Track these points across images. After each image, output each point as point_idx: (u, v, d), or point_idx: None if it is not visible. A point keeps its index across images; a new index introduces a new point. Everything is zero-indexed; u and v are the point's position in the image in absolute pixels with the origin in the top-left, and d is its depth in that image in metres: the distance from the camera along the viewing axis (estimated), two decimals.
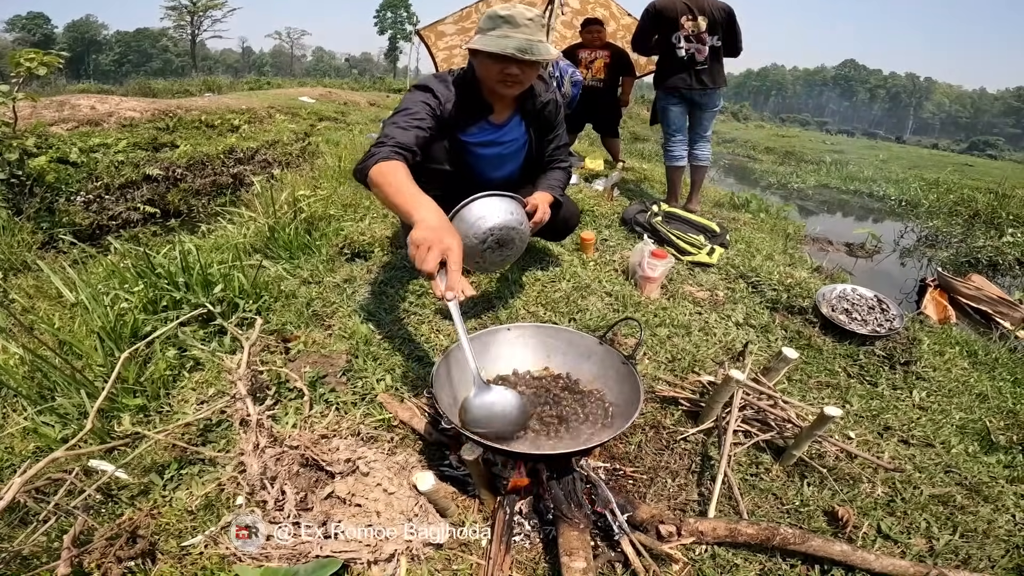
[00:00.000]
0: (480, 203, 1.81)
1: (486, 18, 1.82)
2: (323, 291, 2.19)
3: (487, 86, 1.91)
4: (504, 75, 1.81)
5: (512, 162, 2.17)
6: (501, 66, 1.80)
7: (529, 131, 2.12)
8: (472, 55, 1.88)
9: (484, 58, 1.81)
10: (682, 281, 2.62)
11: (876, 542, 1.26)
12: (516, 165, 2.20)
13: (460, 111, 1.92)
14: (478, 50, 1.80)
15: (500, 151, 2.10)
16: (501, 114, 2.03)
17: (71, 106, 7.73)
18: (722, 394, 1.49)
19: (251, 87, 19.72)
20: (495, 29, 1.79)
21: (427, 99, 1.84)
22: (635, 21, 5.56)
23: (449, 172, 2.02)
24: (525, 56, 1.74)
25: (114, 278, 2.15)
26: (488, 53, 1.78)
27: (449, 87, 1.92)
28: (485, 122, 2.01)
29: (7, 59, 4.92)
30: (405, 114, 1.77)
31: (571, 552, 1.05)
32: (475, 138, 2.01)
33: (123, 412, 1.51)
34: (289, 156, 5.95)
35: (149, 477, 1.28)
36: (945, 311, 3.31)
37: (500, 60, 1.78)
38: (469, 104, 1.94)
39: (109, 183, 4.40)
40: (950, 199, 7.57)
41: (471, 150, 2.03)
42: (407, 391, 1.60)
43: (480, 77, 1.90)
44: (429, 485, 1.07)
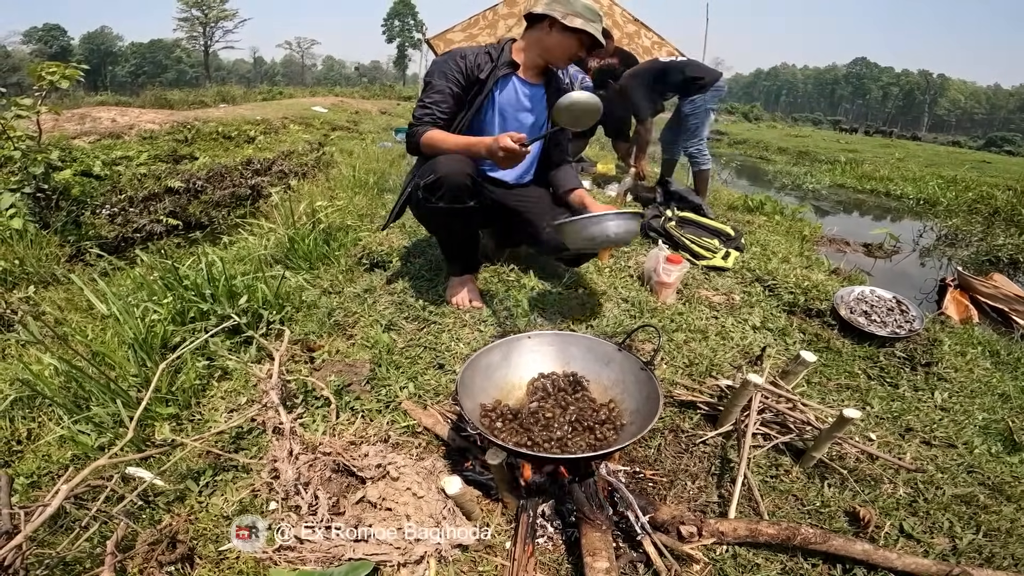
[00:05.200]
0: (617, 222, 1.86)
1: (578, 4, 2.02)
2: (344, 301, 2.24)
3: (545, 55, 2.13)
4: (575, 53, 2.09)
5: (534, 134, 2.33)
6: (578, 46, 2.07)
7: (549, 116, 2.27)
8: (551, 24, 2.04)
9: (569, 34, 2.03)
10: (698, 286, 2.63)
11: (898, 542, 1.26)
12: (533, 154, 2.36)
13: (489, 60, 2.12)
14: (576, 28, 2.00)
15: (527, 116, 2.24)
16: (529, 74, 2.21)
17: (92, 119, 7.93)
18: (740, 398, 1.50)
19: (264, 97, 20.02)
20: (595, 22, 2.04)
21: (450, 69, 2.06)
22: (638, 28, 5.61)
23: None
24: (597, 48, 2.09)
25: (142, 290, 2.21)
26: (582, 32, 2.01)
27: (477, 50, 2.15)
28: (514, 75, 2.18)
29: (26, 70, 5.04)
30: (430, 89, 2.06)
31: (594, 552, 1.08)
32: (506, 95, 2.19)
33: (157, 421, 1.57)
34: (305, 166, 6.03)
35: (185, 484, 1.32)
36: (967, 311, 3.28)
37: (578, 42, 2.05)
38: (497, 58, 2.13)
39: (133, 196, 4.50)
40: (969, 197, 7.50)
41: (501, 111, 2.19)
42: (429, 398, 1.64)
43: (547, 46, 2.09)
44: (456, 489, 1.10)
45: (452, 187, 1.90)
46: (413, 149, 2.08)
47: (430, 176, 1.91)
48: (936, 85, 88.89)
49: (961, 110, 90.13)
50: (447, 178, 1.89)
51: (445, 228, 2.15)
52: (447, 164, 1.90)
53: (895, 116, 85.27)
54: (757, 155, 13.98)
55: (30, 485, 1.41)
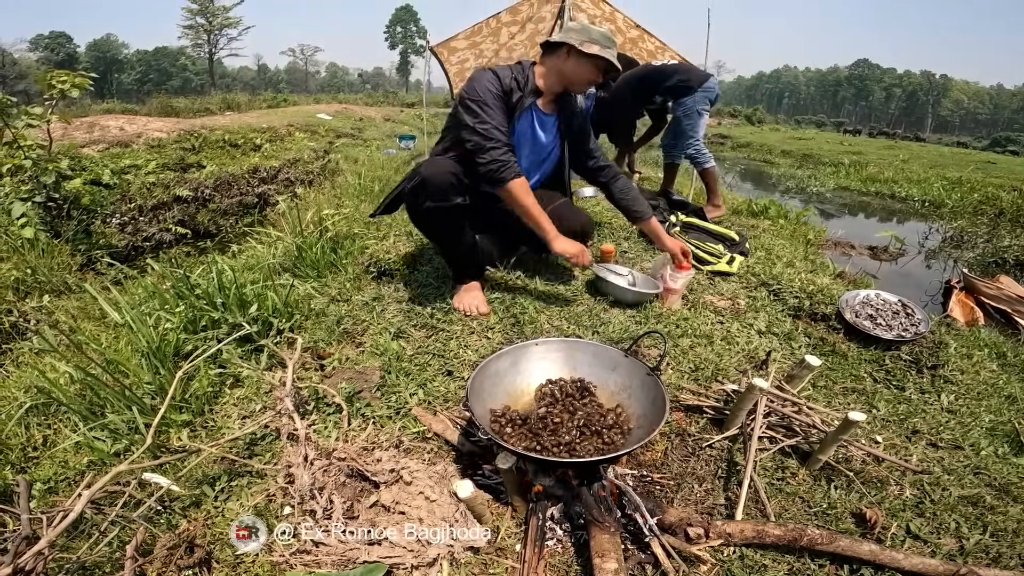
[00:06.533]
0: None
1: (599, 34, 2.11)
2: (352, 309, 2.26)
3: (565, 81, 2.19)
4: (593, 79, 2.17)
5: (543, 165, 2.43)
6: (595, 72, 2.13)
7: (562, 140, 2.37)
8: (569, 53, 2.10)
9: (587, 60, 2.09)
10: (703, 291, 2.65)
11: (905, 542, 1.27)
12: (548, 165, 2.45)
13: (518, 87, 2.16)
14: (596, 55, 2.06)
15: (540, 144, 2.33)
16: (545, 101, 2.27)
17: (101, 127, 8.02)
18: (746, 402, 1.52)
19: (269, 104, 20.19)
20: (611, 48, 2.11)
21: (497, 89, 2.08)
22: (641, 34, 5.63)
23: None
24: (612, 72, 2.15)
25: (154, 299, 2.24)
26: (599, 58, 2.08)
27: (507, 72, 2.17)
28: (535, 105, 2.24)
29: (32, 77, 5.10)
30: (491, 112, 2.03)
31: (603, 554, 1.10)
32: (524, 123, 2.25)
33: (171, 427, 1.59)
34: (310, 174, 6.09)
35: (201, 489, 1.35)
36: (972, 313, 3.28)
37: (595, 67, 2.12)
38: (524, 85, 2.17)
39: (142, 204, 4.55)
40: (974, 198, 7.47)
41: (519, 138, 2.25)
42: (439, 404, 1.66)
43: (568, 74, 2.15)
44: (468, 492, 1.12)
45: (435, 186, 2.01)
46: (495, 183, 2.03)
47: (415, 179, 2.04)
48: (939, 86, 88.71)
49: (965, 110, 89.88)
50: (430, 179, 2.00)
51: (439, 230, 2.22)
52: (429, 166, 2.02)
53: (898, 117, 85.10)
54: (760, 158, 13.97)
55: (47, 491, 1.44)
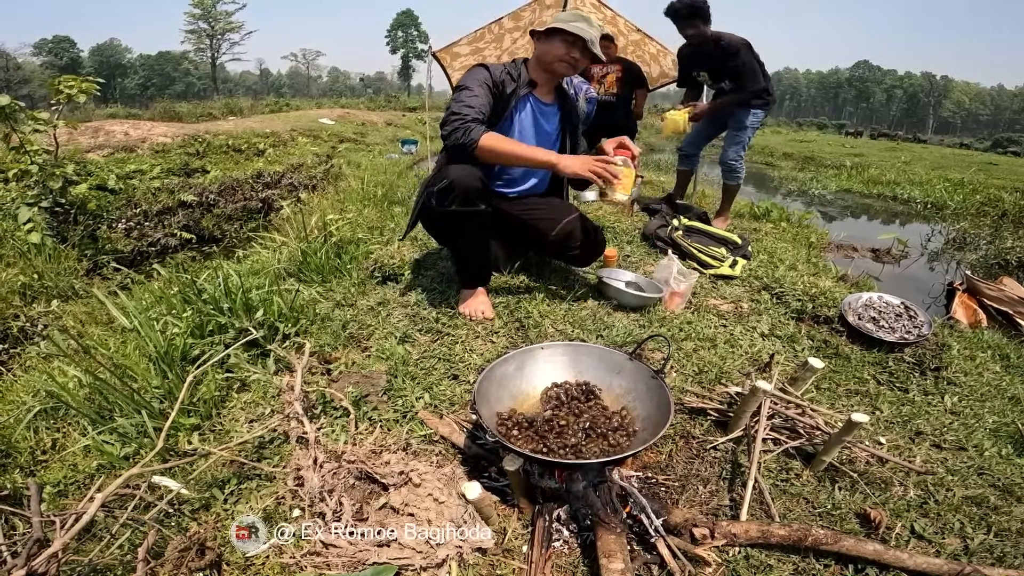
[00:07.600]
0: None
1: (567, 12, 2.21)
2: (358, 314, 2.28)
3: (542, 64, 2.22)
4: (568, 56, 2.15)
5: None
6: (568, 49, 2.13)
7: (564, 128, 2.42)
8: (543, 35, 2.18)
9: (557, 38, 2.13)
10: (706, 294, 2.66)
11: (909, 542, 1.28)
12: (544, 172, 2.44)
13: (511, 79, 2.22)
14: (559, 28, 2.11)
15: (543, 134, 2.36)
16: (543, 92, 2.32)
17: (106, 132, 8.07)
18: (750, 404, 1.53)
19: (272, 109, 20.28)
20: (575, 21, 2.12)
21: (484, 78, 2.15)
22: (643, 37, 5.64)
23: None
24: (591, 48, 2.13)
25: (161, 304, 2.26)
26: (566, 33, 2.10)
27: (500, 67, 2.24)
28: (532, 94, 2.29)
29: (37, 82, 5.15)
30: (468, 93, 2.08)
31: (609, 554, 1.11)
32: (525, 114, 2.30)
33: (180, 431, 1.61)
34: (314, 179, 6.12)
35: (211, 492, 1.36)
36: (975, 315, 3.28)
37: (570, 44, 2.13)
38: (518, 77, 2.24)
39: (147, 209, 4.58)
40: (976, 199, 7.48)
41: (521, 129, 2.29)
42: (445, 408, 1.68)
43: (539, 55, 2.22)
44: (477, 494, 1.13)
45: (464, 190, 2.00)
46: (468, 150, 1.98)
47: (443, 182, 2.02)
48: (940, 87, 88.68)
49: (966, 112, 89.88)
50: (459, 181, 1.99)
51: (458, 235, 2.21)
52: (458, 170, 2.01)
53: (900, 119, 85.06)
54: (762, 161, 13.99)
55: (57, 494, 1.45)
